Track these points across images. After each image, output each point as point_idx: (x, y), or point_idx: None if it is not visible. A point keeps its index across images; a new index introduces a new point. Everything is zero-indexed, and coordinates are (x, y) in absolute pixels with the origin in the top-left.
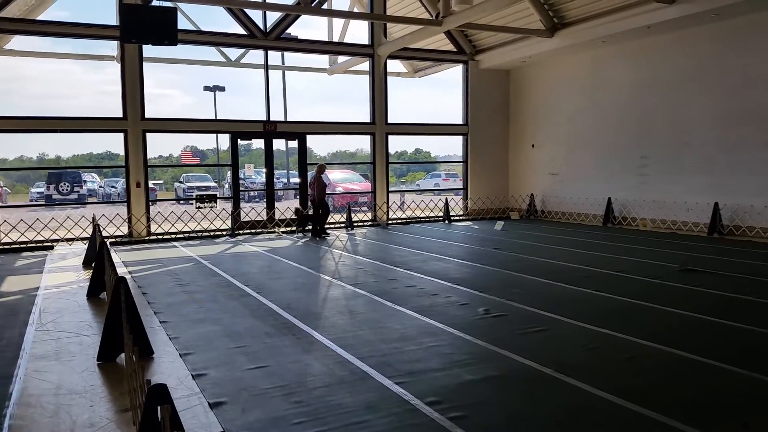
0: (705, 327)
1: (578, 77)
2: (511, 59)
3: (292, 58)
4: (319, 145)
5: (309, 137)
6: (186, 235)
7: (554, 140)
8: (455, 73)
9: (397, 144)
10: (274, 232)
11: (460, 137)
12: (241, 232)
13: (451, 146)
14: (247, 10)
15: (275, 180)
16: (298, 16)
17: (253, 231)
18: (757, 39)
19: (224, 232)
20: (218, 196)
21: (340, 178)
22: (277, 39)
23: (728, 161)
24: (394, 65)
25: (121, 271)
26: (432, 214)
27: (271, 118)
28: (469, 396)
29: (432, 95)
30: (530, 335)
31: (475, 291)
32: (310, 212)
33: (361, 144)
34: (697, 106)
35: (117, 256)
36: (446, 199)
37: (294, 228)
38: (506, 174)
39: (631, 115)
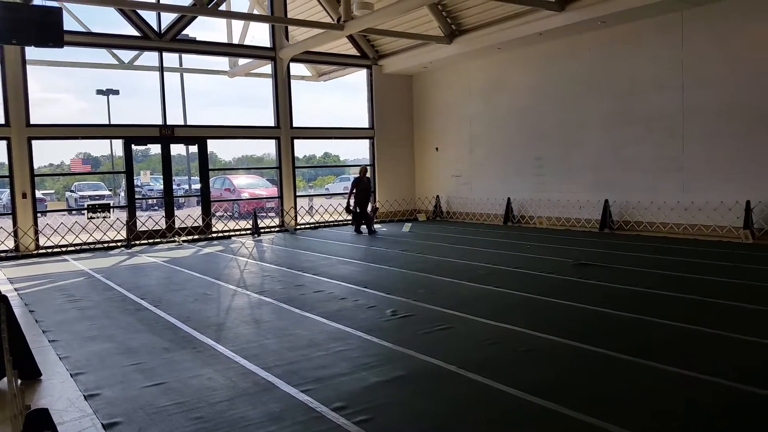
0: (597, 318)
1: (477, 82)
2: (413, 64)
3: (191, 60)
4: (224, 150)
5: (211, 142)
6: (78, 247)
7: (457, 143)
8: (360, 77)
9: (305, 148)
10: (174, 241)
11: (367, 141)
12: (137, 242)
13: (360, 150)
14: (141, 11)
15: (176, 187)
16: (195, 18)
17: (151, 241)
18: (640, 45)
19: (119, 244)
20: (113, 205)
21: (245, 184)
22: (173, 40)
23: (616, 160)
24: (297, 68)
25: (5, 288)
26: (340, 218)
27: (169, 122)
28: (375, 398)
29: (338, 99)
30: (435, 334)
31: (382, 293)
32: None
33: (268, 148)
34: (587, 109)
35: (1, 273)
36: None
37: (195, 237)
38: (413, 176)
39: (527, 118)
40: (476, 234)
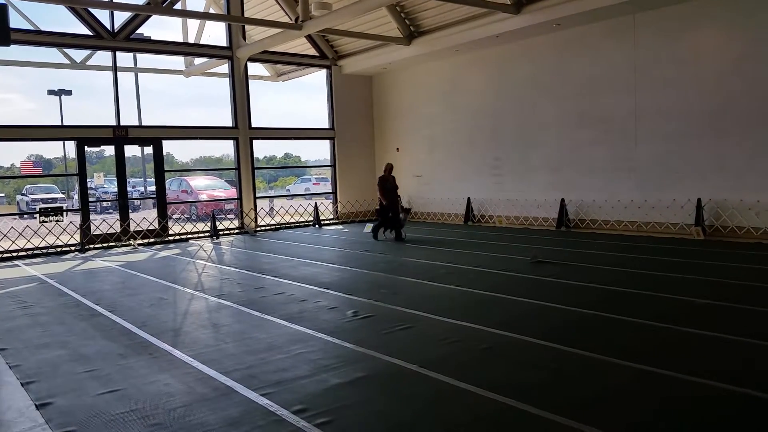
0: (555, 315)
1: (436, 83)
2: (373, 65)
3: (146, 59)
4: (181, 151)
5: (166, 142)
6: (29, 252)
7: (417, 144)
8: (320, 77)
9: (266, 149)
10: (130, 244)
11: (327, 141)
12: (91, 246)
13: (322, 150)
14: (93, 10)
15: (131, 189)
16: (149, 16)
17: (105, 245)
18: (595, 48)
19: (73, 248)
20: (66, 208)
21: (204, 185)
22: (127, 39)
23: (572, 160)
24: (256, 68)
25: None
26: (302, 219)
27: (123, 123)
28: (336, 400)
29: (299, 99)
30: (396, 333)
31: (344, 294)
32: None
33: (227, 149)
34: (544, 110)
35: None
36: (315, 203)
37: (151, 240)
38: (374, 177)
39: (485, 119)
40: (438, 233)
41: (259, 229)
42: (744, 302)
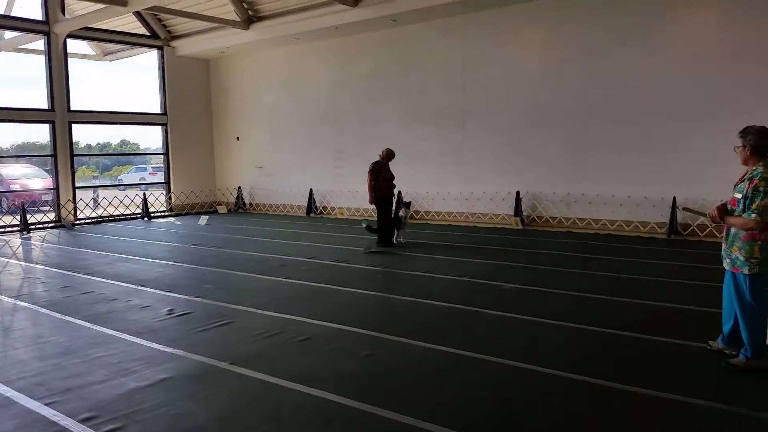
0: (378, 302)
1: (277, 71)
2: (209, 48)
3: None
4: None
5: None
6: None
7: (258, 133)
8: (153, 58)
9: (100, 135)
10: None
11: (159, 127)
12: None
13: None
14: None
15: None
16: None
17: None
18: (429, 45)
19: None
20: None
21: (20, 174)
22: None
23: (410, 154)
24: (78, 46)
25: None
26: (131, 212)
27: None
28: (130, 405)
29: (134, 82)
30: (212, 330)
31: (161, 291)
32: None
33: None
34: (383, 104)
35: None
36: (144, 194)
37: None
38: (212, 167)
39: (327, 110)
40: (278, 225)
41: (78, 222)
42: (551, 287)
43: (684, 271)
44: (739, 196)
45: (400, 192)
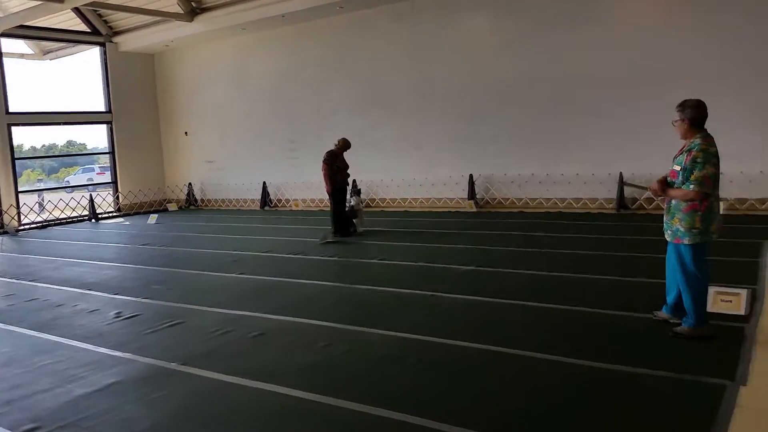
0: (332, 293)
1: (225, 63)
2: (153, 42)
3: None
4: None
5: None
6: None
7: (207, 127)
8: (95, 55)
9: (45, 137)
10: None
11: (104, 126)
12: None
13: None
14: None
15: None
16: None
17: None
18: (377, 30)
19: None
20: None
21: None
22: None
23: (365, 142)
24: (14, 45)
25: None
26: (78, 214)
27: None
28: (77, 412)
29: (73, 80)
30: (162, 331)
31: (109, 294)
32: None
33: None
34: (336, 93)
35: None
36: (91, 195)
37: None
38: (161, 164)
39: (278, 101)
40: (231, 221)
41: (22, 228)
42: (501, 266)
43: (630, 244)
44: (678, 168)
45: (354, 180)
